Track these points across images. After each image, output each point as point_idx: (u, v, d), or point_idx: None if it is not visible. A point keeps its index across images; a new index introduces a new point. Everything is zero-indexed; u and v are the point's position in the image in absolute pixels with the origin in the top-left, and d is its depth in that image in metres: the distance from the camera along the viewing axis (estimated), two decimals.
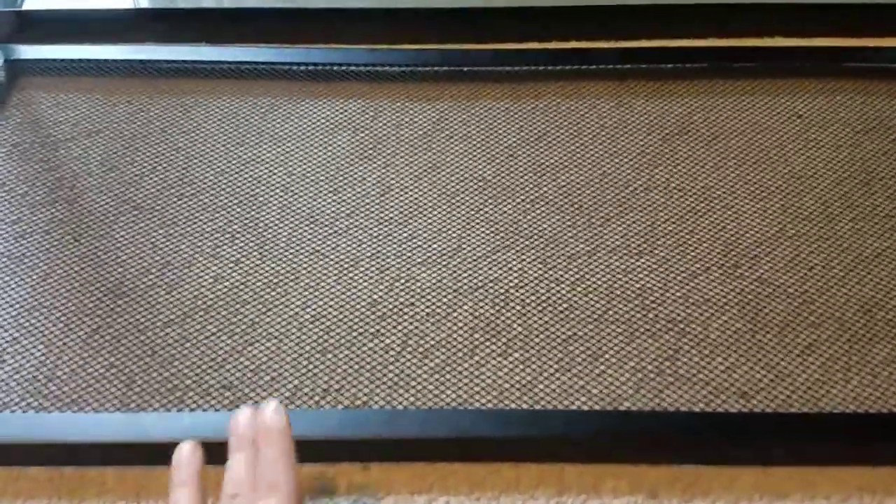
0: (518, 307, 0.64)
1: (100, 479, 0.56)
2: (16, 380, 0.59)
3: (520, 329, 0.63)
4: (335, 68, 0.84)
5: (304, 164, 0.75)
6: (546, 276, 0.67)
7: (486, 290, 0.66)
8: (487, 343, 0.62)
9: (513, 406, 0.58)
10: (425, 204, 0.72)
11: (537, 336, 0.63)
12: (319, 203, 0.72)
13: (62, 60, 0.83)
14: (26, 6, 0.88)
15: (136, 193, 0.73)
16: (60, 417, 0.57)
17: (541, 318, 0.64)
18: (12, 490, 0.55)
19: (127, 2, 0.91)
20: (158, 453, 0.55)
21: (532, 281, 0.66)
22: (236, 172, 0.75)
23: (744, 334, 0.63)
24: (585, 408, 0.58)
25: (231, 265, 0.67)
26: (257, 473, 0.39)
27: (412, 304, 0.65)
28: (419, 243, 0.69)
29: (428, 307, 0.64)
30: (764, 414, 0.58)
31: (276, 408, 0.41)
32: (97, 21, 0.86)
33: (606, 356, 0.61)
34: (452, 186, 0.74)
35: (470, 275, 0.67)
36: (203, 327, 0.63)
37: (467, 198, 0.73)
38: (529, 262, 0.68)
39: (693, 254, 0.68)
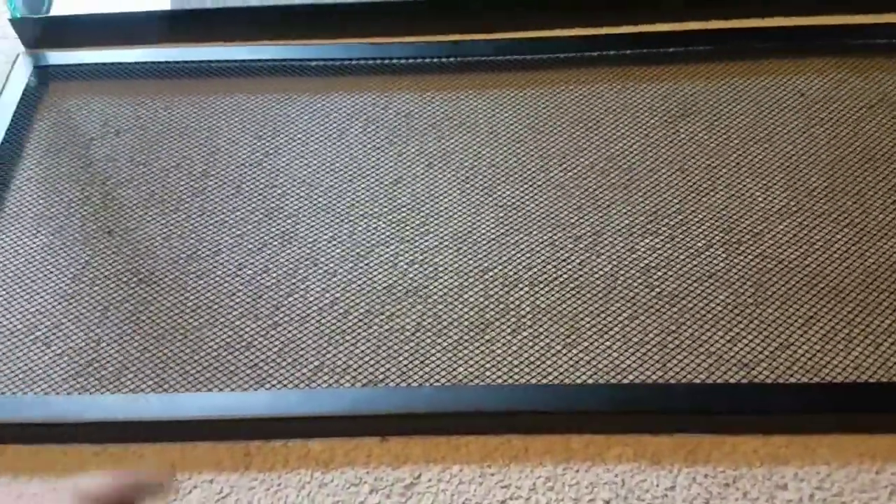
0: (527, 287, 0.67)
1: (139, 453, 0.60)
2: (59, 364, 0.64)
3: (529, 308, 0.66)
4: (346, 63, 0.86)
5: (321, 155, 0.79)
6: (553, 257, 0.69)
7: (496, 272, 0.68)
8: (498, 322, 0.65)
9: (522, 381, 0.61)
10: (436, 191, 0.75)
11: (545, 314, 0.65)
12: (336, 192, 0.75)
13: (88, 65, 0.87)
14: (53, 12, 0.92)
15: (163, 187, 0.76)
16: (102, 398, 0.62)
17: (549, 298, 0.66)
18: (62, 463, 0.60)
19: (146, 5, 0.94)
20: (192, 430, 0.60)
21: (540, 262, 0.69)
22: (256, 165, 0.78)
23: (745, 308, 0.65)
24: (591, 381, 0.61)
25: (254, 253, 0.71)
26: None
27: (425, 286, 0.68)
28: (431, 228, 0.72)
29: (441, 289, 0.68)
30: (764, 384, 0.60)
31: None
32: (120, 24, 0.90)
33: (612, 332, 0.64)
34: (462, 173, 0.76)
35: (480, 257, 0.70)
36: (230, 311, 0.67)
37: (477, 184, 0.75)
38: (537, 245, 0.70)
39: (696, 231, 0.70)
